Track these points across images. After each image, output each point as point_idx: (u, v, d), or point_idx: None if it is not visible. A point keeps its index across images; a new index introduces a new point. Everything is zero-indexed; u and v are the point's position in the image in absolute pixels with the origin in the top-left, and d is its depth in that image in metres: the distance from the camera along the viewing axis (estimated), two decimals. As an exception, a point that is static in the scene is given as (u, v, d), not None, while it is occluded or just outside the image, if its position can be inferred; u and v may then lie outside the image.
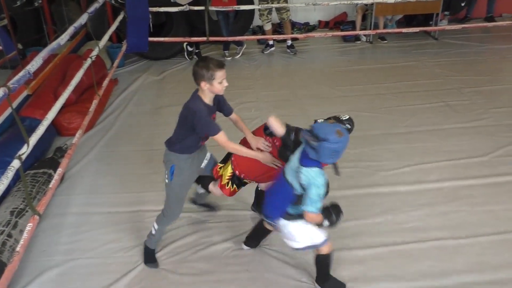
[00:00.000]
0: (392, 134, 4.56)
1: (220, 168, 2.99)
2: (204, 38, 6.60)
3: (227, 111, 2.95)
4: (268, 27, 6.93)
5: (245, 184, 3.00)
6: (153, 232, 3.04)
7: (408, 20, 7.97)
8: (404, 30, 7.22)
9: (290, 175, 2.47)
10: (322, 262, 2.72)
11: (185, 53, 6.92)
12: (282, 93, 5.67)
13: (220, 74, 2.61)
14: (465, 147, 4.29)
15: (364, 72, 6.24)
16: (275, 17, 6.97)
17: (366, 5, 7.16)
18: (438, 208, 3.48)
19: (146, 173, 4.12)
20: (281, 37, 6.98)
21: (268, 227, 2.92)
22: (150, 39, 6.43)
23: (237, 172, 2.88)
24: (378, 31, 7.22)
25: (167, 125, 4.91)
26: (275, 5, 6.66)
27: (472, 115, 4.87)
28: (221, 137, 2.69)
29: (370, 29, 7.30)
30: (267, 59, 6.91)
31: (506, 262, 2.99)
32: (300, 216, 2.47)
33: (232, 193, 2.99)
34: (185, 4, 6.44)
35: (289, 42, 7.02)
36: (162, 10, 6.49)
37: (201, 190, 3.32)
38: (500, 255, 3.03)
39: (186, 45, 6.87)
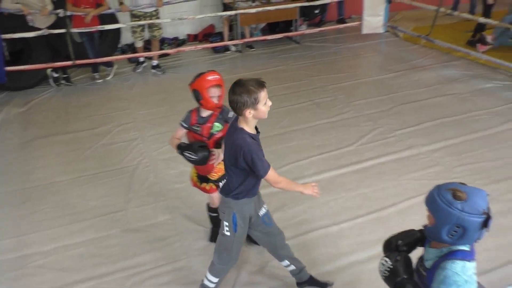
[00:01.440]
0: (270, 136, 4.82)
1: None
2: (70, 62, 6.30)
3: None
4: (140, 44, 6.83)
5: (206, 179, 3.14)
6: (207, 284, 2.76)
7: (272, 28, 8.46)
8: (269, 37, 7.68)
9: None
10: None
11: (51, 80, 6.52)
12: (160, 110, 5.65)
13: (263, 95, 2.28)
14: (334, 140, 4.72)
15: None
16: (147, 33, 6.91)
17: (230, 16, 7.45)
18: (319, 199, 3.77)
19: (22, 214, 3.82)
20: (151, 53, 6.93)
21: None
22: (7, 68, 5.95)
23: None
24: (245, 40, 7.57)
25: (41, 158, 4.68)
26: (147, 21, 6.57)
27: (336, 110, 5.36)
28: (271, 175, 2.35)
29: (237, 38, 7.61)
30: (141, 77, 6.82)
31: (381, 237, 3.35)
32: None
33: (202, 189, 3.18)
34: (43, 28, 6.08)
35: (155, 62, 6.95)
36: (17, 37, 6.03)
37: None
38: (375, 232, 3.40)
39: (51, 71, 6.48)
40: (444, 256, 1.77)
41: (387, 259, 1.95)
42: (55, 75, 6.53)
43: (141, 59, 7.00)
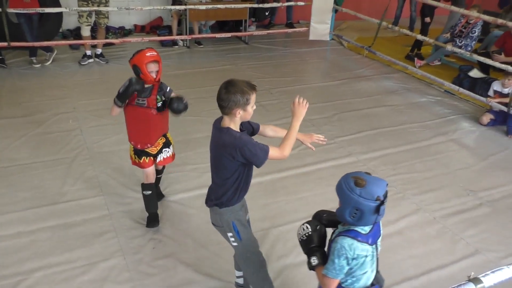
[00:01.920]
0: (214, 135, 4.81)
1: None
2: (4, 44, 5.92)
3: (256, 129, 2.63)
4: (86, 33, 6.46)
5: (150, 154, 3.31)
6: None
7: (221, 26, 8.45)
8: (218, 35, 7.66)
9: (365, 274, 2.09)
10: None
11: (-18, 61, 6.11)
12: (102, 101, 5.44)
13: (254, 97, 2.31)
14: (277, 142, 4.77)
15: (184, 76, 6.41)
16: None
17: (180, 10, 7.35)
18: (260, 201, 3.84)
19: None
20: (96, 42, 6.67)
21: None
22: None
23: (132, 143, 3.29)
24: (194, 36, 7.50)
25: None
26: (96, 8, 6.28)
27: (281, 113, 5.45)
28: (275, 152, 2.38)
29: (186, 34, 7.52)
30: (82, 66, 6.55)
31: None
32: None
33: (139, 164, 3.34)
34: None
35: (99, 51, 6.71)
36: None
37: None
38: (311, 235, 3.51)
39: (-17, 51, 6.07)
40: (341, 232, 2.00)
41: (308, 225, 2.17)
42: (-12, 55, 6.12)
43: (89, 53, 6.62)
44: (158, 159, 3.41)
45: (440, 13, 7.80)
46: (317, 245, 2.12)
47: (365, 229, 1.97)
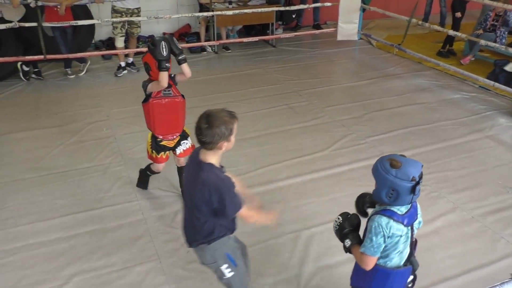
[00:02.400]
0: (244, 139, 4.83)
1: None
2: (41, 57, 6.15)
3: None
4: (120, 44, 6.55)
5: (168, 148, 3.50)
6: None
7: (248, 30, 8.50)
8: (245, 39, 7.71)
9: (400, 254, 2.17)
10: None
11: (21, 74, 6.34)
12: (134, 108, 5.53)
13: (236, 126, 2.20)
14: (307, 144, 4.78)
15: (212, 81, 6.48)
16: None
17: (207, 16, 7.43)
18: (291, 203, 3.83)
19: (-12, 211, 3.72)
20: (127, 51, 6.82)
21: None
22: (-25, 60, 5.77)
23: (160, 138, 3.47)
24: (222, 41, 7.57)
25: (8, 155, 4.56)
26: (128, 18, 6.42)
27: (310, 115, 5.43)
28: (245, 211, 2.24)
29: (214, 39, 7.61)
30: (114, 75, 6.72)
31: (350, 241, 3.44)
32: None
33: (155, 159, 3.54)
34: (14, 22, 5.91)
35: (130, 60, 6.84)
36: (-15, 28, 5.86)
37: None
38: (345, 237, 3.47)
39: (21, 64, 6.31)
40: (378, 211, 2.08)
41: (339, 216, 2.31)
42: (26, 68, 6.35)
43: (123, 64, 6.72)
44: (178, 152, 3.56)
45: (472, 7, 7.60)
46: (349, 229, 2.22)
47: (401, 210, 2.04)
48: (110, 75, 6.69)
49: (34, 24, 5.95)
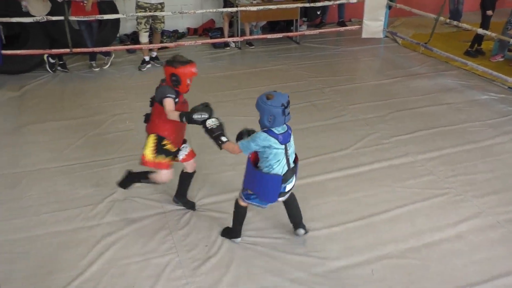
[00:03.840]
0: (266, 135, 4.80)
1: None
2: (67, 50, 6.23)
3: None
4: (145, 39, 6.58)
5: (171, 152, 3.32)
6: None
7: (272, 26, 8.45)
8: (269, 36, 7.67)
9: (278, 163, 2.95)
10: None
11: (47, 65, 6.46)
12: (156, 102, 5.61)
13: None
14: (330, 142, 4.71)
15: (235, 77, 6.46)
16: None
17: (231, 12, 7.41)
18: (311, 202, 3.78)
19: (11, 199, 3.79)
20: (151, 46, 6.86)
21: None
22: (4, 52, 5.88)
23: (172, 145, 3.30)
24: (245, 37, 7.54)
25: (33, 144, 4.63)
26: (152, 13, 6.45)
27: (333, 113, 5.36)
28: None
29: (237, 35, 7.59)
30: (138, 69, 6.76)
31: (370, 243, 3.38)
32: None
33: (159, 165, 3.29)
34: (41, 16, 6.00)
35: (154, 54, 6.87)
36: (14, 21, 5.96)
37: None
38: (364, 238, 3.41)
39: (47, 57, 6.41)
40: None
41: (216, 118, 3.05)
42: (52, 61, 6.46)
43: (147, 59, 6.75)
44: (181, 157, 3.44)
45: (502, 5, 7.38)
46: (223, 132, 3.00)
47: (278, 129, 2.85)
48: (134, 68, 6.74)
49: (61, 17, 6.03)
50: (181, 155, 3.46)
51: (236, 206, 3.21)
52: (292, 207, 3.29)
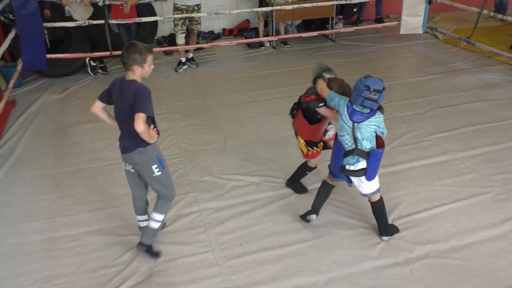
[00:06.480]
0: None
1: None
2: (107, 53, 6.42)
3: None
4: (181, 41, 6.71)
5: (317, 145, 3.63)
6: (156, 226, 3.13)
7: (307, 25, 8.39)
8: (304, 34, 7.61)
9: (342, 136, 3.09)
10: (381, 208, 3.26)
11: (88, 69, 6.67)
12: (192, 102, 5.70)
13: (150, 58, 2.84)
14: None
15: (270, 76, 6.46)
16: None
17: (266, 12, 7.42)
18: (347, 200, 3.72)
19: (55, 197, 3.93)
20: (187, 47, 6.96)
21: (333, 183, 3.37)
22: (48, 56, 6.12)
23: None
24: (280, 36, 7.52)
25: (76, 145, 4.79)
26: (189, 15, 6.55)
27: (370, 111, 5.25)
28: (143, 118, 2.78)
29: (272, 35, 7.58)
30: (175, 70, 6.88)
31: (408, 243, 3.29)
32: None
33: (316, 154, 3.64)
34: (83, 20, 6.21)
35: (190, 55, 6.96)
36: (58, 25, 6.20)
37: None
38: (405, 237, 3.33)
39: (89, 60, 6.63)
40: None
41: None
42: (93, 64, 6.67)
43: (183, 60, 6.86)
44: (327, 137, 3.69)
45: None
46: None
47: (356, 106, 2.97)
48: (170, 69, 6.86)
49: (101, 21, 6.22)
50: (328, 135, 3.70)
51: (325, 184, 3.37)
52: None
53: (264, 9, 7.30)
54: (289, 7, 7.12)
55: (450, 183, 3.92)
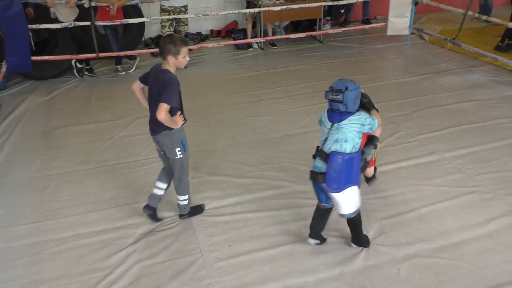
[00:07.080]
0: (291, 135, 4.79)
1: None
2: (94, 55, 6.37)
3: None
4: None
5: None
6: (185, 203, 3.47)
7: (295, 26, 8.42)
8: (292, 35, 7.64)
9: (331, 145, 2.92)
10: (356, 222, 3.12)
11: (75, 71, 6.61)
12: (184, 104, 5.65)
13: (185, 50, 3.03)
14: (355, 141, 4.63)
15: (258, 77, 6.47)
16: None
17: (254, 13, 7.42)
18: (336, 201, 3.73)
19: (42, 201, 3.89)
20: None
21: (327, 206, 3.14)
22: (34, 58, 6.06)
23: None
24: (268, 38, 7.54)
25: (62, 147, 4.74)
26: (176, 16, 6.53)
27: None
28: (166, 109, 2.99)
29: (260, 36, 7.59)
30: (163, 71, 6.84)
31: (395, 243, 3.31)
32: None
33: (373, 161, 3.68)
34: (68, 21, 6.16)
35: None
36: (43, 27, 6.13)
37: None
38: (393, 238, 3.36)
39: (75, 62, 6.57)
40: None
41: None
42: (79, 66, 6.61)
43: None
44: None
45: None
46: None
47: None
48: (158, 71, 6.82)
49: (88, 23, 6.17)
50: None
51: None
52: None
53: (252, 10, 7.31)
54: (277, 8, 7.15)
55: (437, 183, 3.96)
